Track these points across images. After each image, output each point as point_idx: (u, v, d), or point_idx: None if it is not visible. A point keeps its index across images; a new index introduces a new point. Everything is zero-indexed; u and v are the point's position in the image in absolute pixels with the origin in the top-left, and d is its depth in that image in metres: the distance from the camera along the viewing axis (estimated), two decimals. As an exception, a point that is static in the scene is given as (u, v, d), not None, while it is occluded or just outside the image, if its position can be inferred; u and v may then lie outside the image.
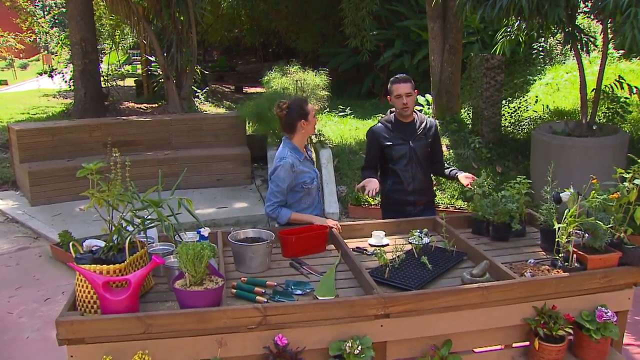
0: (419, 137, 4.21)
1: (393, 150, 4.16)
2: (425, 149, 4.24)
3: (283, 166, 3.76)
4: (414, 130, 4.21)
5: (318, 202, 4.00)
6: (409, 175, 4.19)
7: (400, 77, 4.16)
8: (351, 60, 14.13)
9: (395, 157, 4.17)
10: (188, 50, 10.39)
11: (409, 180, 4.19)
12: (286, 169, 3.74)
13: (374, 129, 4.27)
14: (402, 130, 4.19)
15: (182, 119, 8.94)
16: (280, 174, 3.76)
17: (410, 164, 4.19)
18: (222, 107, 12.65)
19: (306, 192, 3.86)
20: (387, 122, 4.24)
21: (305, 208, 3.88)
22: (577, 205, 2.95)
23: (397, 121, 4.21)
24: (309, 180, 3.84)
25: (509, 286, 2.79)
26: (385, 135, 4.19)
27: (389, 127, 4.21)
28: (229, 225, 7.03)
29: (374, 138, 4.25)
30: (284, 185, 3.76)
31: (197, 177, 8.13)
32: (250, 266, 3.05)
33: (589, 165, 6.62)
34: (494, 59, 8.22)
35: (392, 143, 4.17)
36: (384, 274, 2.95)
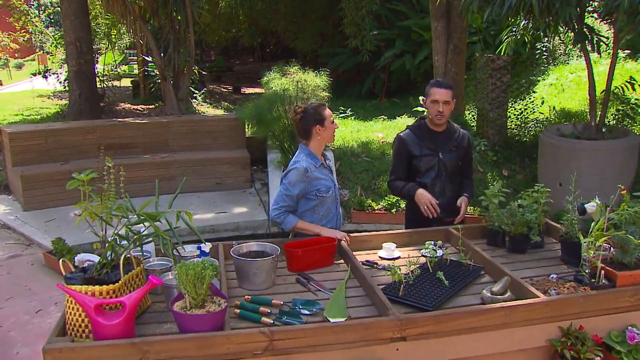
0: (450, 149, 3.92)
1: (421, 162, 3.89)
2: (456, 163, 3.95)
3: (297, 170, 3.53)
4: (446, 141, 3.92)
5: (335, 216, 3.74)
6: (437, 189, 3.90)
7: (442, 81, 3.89)
8: (351, 60, 13.93)
9: (422, 170, 3.90)
10: (185, 50, 10.17)
11: (437, 195, 3.87)
12: (300, 173, 3.51)
13: (402, 137, 3.97)
14: (433, 140, 3.90)
15: (179, 120, 8.73)
16: (292, 178, 3.53)
17: (439, 177, 3.91)
18: (220, 108, 12.45)
19: (320, 201, 3.63)
20: (416, 130, 3.95)
21: (318, 219, 3.64)
22: (606, 217, 2.75)
23: (427, 129, 3.93)
24: (324, 189, 3.61)
25: (533, 305, 2.59)
26: (414, 145, 3.90)
27: (418, 136, 3.92)
28: (229, 231, 6.83)
29: (402, 147, 3.95)
30: (294, 190, 3.52)
31: (195, 181, 7.91)
32: (254, 282, 2.85)
33: (599, 170, 6.44)
34: (500, 60, 8.02)
35: (421, 154, 3.89)
36: (398, 291, 2.74)
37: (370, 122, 10.39)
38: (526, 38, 8.08)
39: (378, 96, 13.56)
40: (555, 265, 3.20)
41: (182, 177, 7.79)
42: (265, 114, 7.86)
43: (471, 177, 4.13)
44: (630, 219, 2.76)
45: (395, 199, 7.10)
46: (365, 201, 7.18)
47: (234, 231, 6.83)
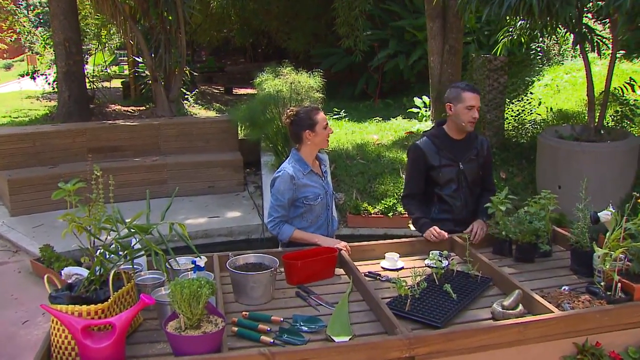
0: (470, 159, 3.68)
1: (440, 173, 3.63)
2: (477, 173, 3.72)
3: (281, 177, 3.43)
4: (466, 149, 3.67)
5: (324, 223, 3.61)
6: (459, 202, 3.67)
7: (470, 84, 3.66)
8: (344, 60, 13.77)
9: (442, 181, 3.65)
10: (177, 51, 9.98)
11: (459, 208, 3.67)
12: (285, 180, 3.40)
13: (420, 146, 3.66)
14: (452, 149, 3.65)
15: (171, 122, 8.55)
16: (279, 187, 3.42)
17: (460, 189, 3.67)
18: (212, 109, 12.27)
19: (308, 209, 3.50)
20: (434, 138, 3.68)
21: (306, 227, 3.52)
22: (622, 227, 2.62)
23: (447, 137, 3.67)
24: (312, 196, 3.48)
25: (547, 321, 2.45)
26: (433, 154, 3.63)
27: (436, 145, 3.65)
28: (222, 236, 6.66)
29: (419, 157, 3.65)
30: (284, 198, 3.41)
31: (187, 185, 7.74)
32: (251, 297, 2.69)
33: (599, 172, 6.34)
34: (497, 60, 7.91)
35: (440, 164, 3.63)
36: (404, 306, 2.60)
37: (365, 123, 10.25)
38: (522, 38, 7.97)
39: (371, 97, 13.42)
40: (566, 275, 3.07)
41: (174, 180, 7.68)
42: (259, 115, 7.70)
43: (492, 188, 3.84)
44: (647, 229, 2.62)
45: (392, 203, 6.97)
46: (361, 205, 7.04)
47: (227, 236, 6.67)
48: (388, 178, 7.58)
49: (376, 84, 13.57)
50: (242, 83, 16.96)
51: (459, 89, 3.58)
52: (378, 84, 13.52)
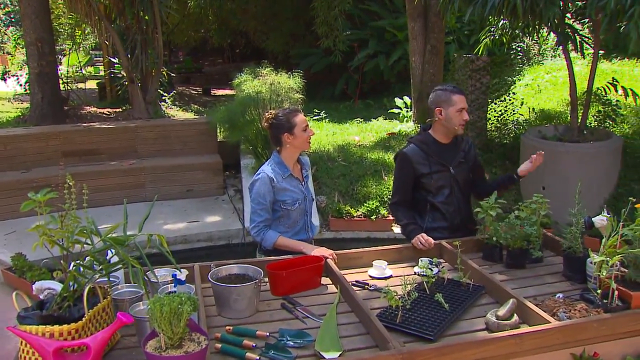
0: (459, 162, 3.60)
1: (432, 180, 3.53)
2: (467, 175, 3.66)
3: (261, 180, 3.33)
4: (455, 153, 3.60)
5: (302, 228, 3.51)
6: (452, 208, 3.58)
7: (457, 87, 3.60)
8: (323, 61, 13.65)
9: (433, 189, 3.55)
10: (153, 51, 9.77)
11: (454, 215, 3.58)
12: (265, 182, 3.31)
13: (407, 153, 3.56)
14: (441, 153, 3.56)
15: (148, 125, 8.35)
16: (260, 190, 3.31)
17: (452, 195, 3.58)
18: (190, 110, 12.05)
19: (285, 214, 3.41)
20: (421, 144, 3.57)
21: (283, 232, 3.42)
22: (619, 234, 2.53)
23: (434, 142, 3.57)
24: (290, 201, 3.38)
25: (545, 332, 2.36)
26: (422, 161, 3.53)
27: (425, 151, 3.55)
28: (202, 241, 6.51)
29: (406, 165, 3.55)
30: (265, 201, 3.31)
31: (165, 188, 7.56)
32: (235, 309, 2.56)
33: (584, 173, 6.29)
34: (479, 60, 7.85)
35: (430, 171, 3.53)
36: (395, 317, 2.49)
37: (346, 124, 10.14)
38: (504, 38, 7.93)
39: (351, 97, 13.33)
40: (559, 281, 2.99)
41: (152, 184, 7.51)
42: (238, 117, 7.55)
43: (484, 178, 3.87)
44: (645, 234, 2.53)
45: (374, 205, 6.87)
46: (343, 208, 6.93)
47: (207, 241, 6.52)
48: (370, 180, 7.48)
49: (356, 84, 13.48)
50: (220, 84, 16.76)
51: (447, 92, 3.50)
52: (358, 85, 13.42)
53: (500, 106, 8.17)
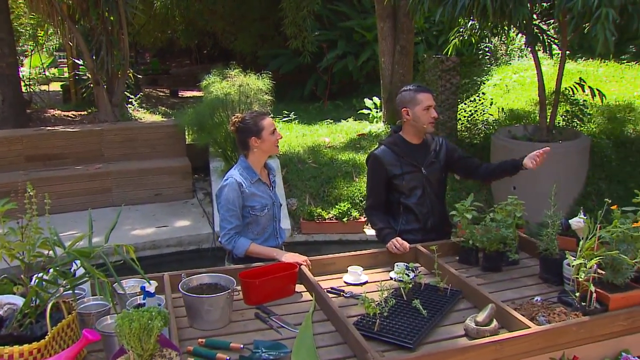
0: (431, 162, 3.54)
1: (403, 181, 3.48)
2: (440, 175, 3.59)
3: (229, 185, 3.22)
4: (426, 153, 3.55)
5: (271, 235, 3.41)
6: (426, 209, 3.53)
7: (422, 85, 3.56)
8: (292, 62, 13.57)
9: (406, 190, 3.50)
10: (119, 52, 9.56)
11: (427, 216, 3.53)
12: (233, 188, 3.21)
13: (378, 155, 3.52)
14: (412, 154, 3.51)
15: (114, 128, 8.17)
16: (229, 196, 3.21)
17: (425, 195, 3.52)
18: (158, 113, 11.85)
19: (253, 220, 3.32)
20: (392, 145, 3.53)
21: (252, 239, 3.31)
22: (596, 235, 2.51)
23: (405, 143, 3.53)
24: (259, 207, 3.29)
25: (525, 337, 2.31)
26: (393, 163, 3.48)
27: (396, 152, 3.50)
28: (171, 247, 6.38)
29: (378, 167, 3.51)
30: (235, 207, 3.21)
31: (132, 193, 7.39)
32: (207, 320, 2.47)
33: (554, 172, 6.33)
34: (449, 61, 7.86)
35: (402, 172, 3.47)
36: (373, 325, 2.43)
37: (315, 125, 10.08)
38: (473, 39, 7.97)
39: (321, 99, 13.27)
40: (536, 284, 2.96)
41: (119, 189, 7.35)
42: (207, 119, 7.42)
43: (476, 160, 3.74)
44: (622, 237, 2.51)
45: (346, 207, 6.82)
46: (314, 210, 6.87)
47: (176, 246, 6.39)
48: (341, 182, 7.44)
49: (325, 85, 13.42)
50: (188, 85, 16.56)
51: (412, 92, 3.46)
52: (327, 85, 13.37)
53: (470, 106, 8.20)
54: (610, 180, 6.87)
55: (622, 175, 6.92)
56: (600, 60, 11.16)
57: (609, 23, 5.02)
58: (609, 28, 5.01)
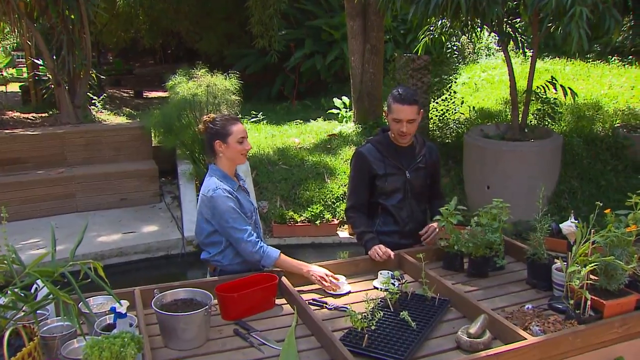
0: (417, 167, 3.39)
1: (386, 182, 3.34)
2: (424, 181, 3.44)
3: (219, 196, 2.93)
4: (412, 157, 3.40)
5: None
6: (405, 214, 3.39)
7: (405, 95, 3.21)
8: (259, 61, 13.37)
9: (387, 191, 3.36)
10: (81, 52, 9.24)
11: (405, 220, 3.39)
12: (226, 196, 2.94)
13: (364, 153, 3.37)
14: (398, 156, 3.36)
15: (77, 131, 7.87)
16: (227, 204, 2.92)
17: (405, 199, 3.38)
18: (122, 114, 11.51)
19: None
20: (379, 145, 3.38)
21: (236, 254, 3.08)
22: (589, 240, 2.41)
23: (391, 144, 3.38)
24: (249, 214, 3.08)
25: (521, 350, 2.21)
26: (377, 162, 3.34)
27: (381, 152, 3.36)
28: (139, 253, 6.15)
29: (363, 164, 3.36)
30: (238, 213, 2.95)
31: (97, 198, 7.14)
32: (183, 340, 2.30)
33: (527, 171, 6.32)
34: (420, 60, 7.78)
35: (385, 172, 3.33)
36: (361, 340, 2.29)
37: (285, 126, 9.91)
38: (443, 37, 7.90)
39: (289, 98, 13.11)
40: (523, 290, 2.87)
41: (83, 194, 7.11)
42: (174, 121, 7.20)
43: (442, 194, 3.65)
44: (616, 242, 2.42)
45: (318, 210, 6.69)
46: (286, 213, 6.72)
47: (144, 253, 6.17)
48: (313, 183, 7.29)
49: (293, 85, 13.27)
50: (153, 86, 16.22)
51: (390, 98, 3.27)
52: (295, 85, 13.22)
53: (441, 105, 8.13)
54: (582, 179, 6.87)
55: (593, 173, 6.93)
56: (567, 59, 11.26)
57: (583, 21, 4.98)
58: (582, 26, 4.97)
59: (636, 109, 8.81)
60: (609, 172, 6.93)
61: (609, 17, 5.30)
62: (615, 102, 9.16)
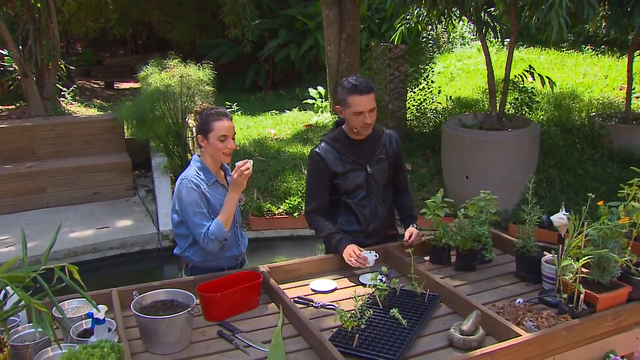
0: (378, 159, 3.20)
1: (346, 180, 3.14)
2: (387, 173, 3.24)
3: (184, 187, 2.88)
4: (372, 149, 3.19)
5: (233, 242, 3.06)
6: (367, 211, 3.19)
7: (360, 84, 3.01)
8: (232, 51, 13.16)
9: (349, 189, 3.16)
10: (49, 42, 8.96)
11: (368, 218, 3.20)
12: (191, 187, 2.87)
13: (320, 153, 3.15)
14: (356, 151, 3.16)
15: (46, 123, 7.63)
16: (191, 197, 2.86)
17: (369, 196, 3.18)
18: (93, 106, 11.22)
19: None
20: (334, 142, 3.17)
21: None
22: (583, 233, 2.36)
23: (348, 140, 3.17)
24: (218, 210, 2.95)
25: (516, 347, 2.15)
26: (335, 161, 3.13)
27: (338, 149, 3.16)
28: (114, 249, 5.99)
29: (320, 166, 3.14)
30: (202, 208, 2.87)
31: (69, 192, 6.93)
32: (165, 343, 2.19)
33: (506, 160, 6.30)
34: (397, 49, 7.70)
35: (344, 170, 3.13)
36: (351, 340, 2.21)
37: (260, 117, 9.78)
38: (420, 26, 7.83)
39: (263, 88, 12.95)
40: (513, 283, 2.81)
41: (54, 188, 6.92)
42: (147, 113, 7.01)
43: (407, 187, 3.48)
44: (609, 234, 2.37)
45: (296, 202, 6.59)
46: (263, 205, 6.60)
47: (119, 248, 6.01)
48: (290, 175, 7.19)
49: (267, 74, 13.10)
50: (124, 77, 15.90)
51: (344, 91, 3.04)
52: (269, 75, 13.05)
53: (419, 95, 8.07)
54: (560, 167, 6.88)
55: (571, 162, 6.93)
56: (541, 48, 11.28)
57: (563, 10, 4.95)
58: (562, 15, 4.94)
59: (610, 97, 8.87)
60: (585, 161, 6.95)
61: (587, 6, 5.29)
62: (590, 91, 9.21)
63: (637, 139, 6.86)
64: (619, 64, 10.03)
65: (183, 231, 2.98)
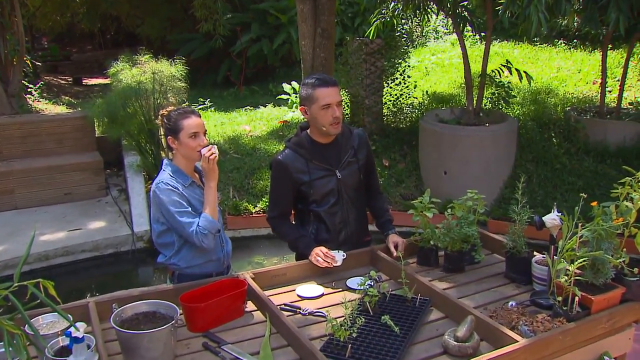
0: (348, 162, 3.02)
1: (313, 188, 2.96)
2: (358, 177, 3.06)
3: (160, 190, 2.78)
4: (340, 152, 3.01)
5: (217, 244, 2.97)
6: (338, 219, 3.03)
7: (324, 77, 2.91)
8: (204, 46, 12.95)
9: (318, 197, 2.99)
10: (13, 37, 8.69)
11: (338, 226, 3.04)
12: (168, 189, 2.77)
13: (282, 161, 2.96)
14: (324, 156, 2.98)
15: (13, 122, 7.38)
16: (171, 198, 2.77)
17: (339, 203, 3.01)
18: (61, 103, 10.94)
19: None
20: (299, 148, 2.98)
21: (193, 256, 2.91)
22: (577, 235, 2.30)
23: (313, 144, 2.99)
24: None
25: (513, 353, 2.08)
26: (301, 168, 2.95)
27: (303, 155, 2.97)
28: (86, 252, 5.81)
29: (283, 174, 2.97)
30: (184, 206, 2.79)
31: (39, 193, 6.72)
32: (148, 358, 2.08)
33: (484, 155, 6.29)
34: (373, 44, 7.62)
35: (311, 178, 2.95)
36: (343, 349, 2.13)
37: (234, 113, 9.63)
38: (395, 21, 7.77)
39: (235, 84, 12.77)
40: (503, 285, 2.75)
41: (23, 189, 6.71)
42: (118, 110, 6.82)
43: (379, 189, 3.31)
44: (604, 235, 2.32)
45: (274, 200, 6.47)
46: (240, 204, 6.48)
47: (92, 251, 5.83)
48: (266, 173, 7.07)
49: (240, 70, 12.93)
50: (92, 72, 15.59)
51: (309, 87, 2.90)
52: (242, 70, 12.89)
53: (395, 90, 8.01)
54: (537, 162, 6.89)
55: (548, 157, 6.95)
56: (515, 42, 11.32)
57: (542, 5, 4.92)
58: (541, 10, 4.92)
59: (584, 91, 8.93)
60: (562, 155, 6.97)
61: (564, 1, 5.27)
62: (565, 85, 9.26)
63: (612, 133, 6.91)
64: (592, 58, 10.11)
65: (167, 239, 2.88)
